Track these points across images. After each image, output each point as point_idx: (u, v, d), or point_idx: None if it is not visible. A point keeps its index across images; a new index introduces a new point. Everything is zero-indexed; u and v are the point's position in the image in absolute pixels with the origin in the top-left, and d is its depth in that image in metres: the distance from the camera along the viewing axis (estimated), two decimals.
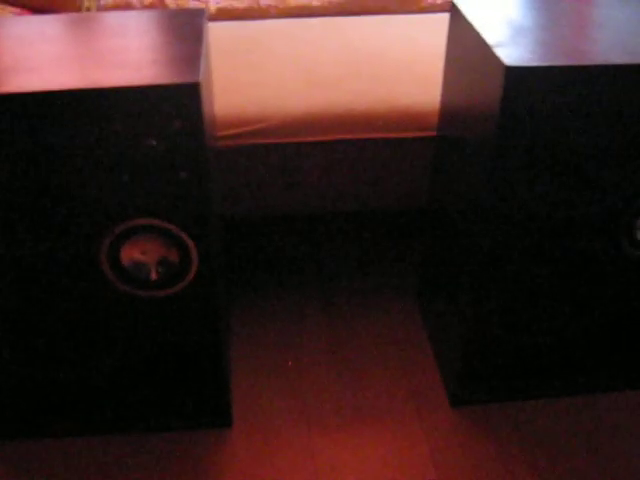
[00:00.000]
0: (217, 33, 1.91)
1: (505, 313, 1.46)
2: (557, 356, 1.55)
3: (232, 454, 1.48)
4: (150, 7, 2.11)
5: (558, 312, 1.48)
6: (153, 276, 1.32)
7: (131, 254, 1.30)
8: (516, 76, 1.16)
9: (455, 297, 1.51)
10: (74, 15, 1.43)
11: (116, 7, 2.10)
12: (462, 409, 1.58)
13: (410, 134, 1.58)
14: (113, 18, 1.38)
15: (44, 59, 1.20)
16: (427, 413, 1.57)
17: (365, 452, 1.49)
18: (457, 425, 1.55)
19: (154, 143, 1.18)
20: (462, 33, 1.38)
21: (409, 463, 1.47)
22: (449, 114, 1.50)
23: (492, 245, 1.35)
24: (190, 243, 1.28)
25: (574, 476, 1.43)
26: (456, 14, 1.40)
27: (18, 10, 1.94)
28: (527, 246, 1.36)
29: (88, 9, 2.09)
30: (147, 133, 1.16)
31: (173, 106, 1.13)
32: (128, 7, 2.11)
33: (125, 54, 1.22)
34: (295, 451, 1.48)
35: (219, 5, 2.15)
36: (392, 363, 1.68)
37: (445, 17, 1.47)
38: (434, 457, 1.48)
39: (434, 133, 1.58)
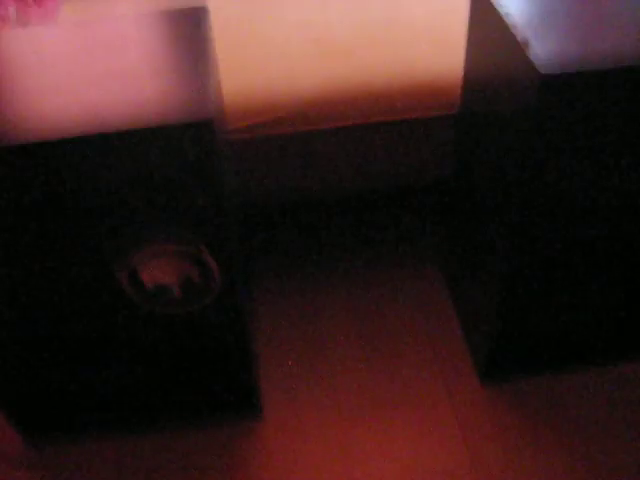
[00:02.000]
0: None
1: (535, 291, 1.44)
2: (585, 330, 1.54)
3: (264, 445, 1.50)
4: None
5: (588, 288, 1.45)
6: (176, 295, 1.29)
7: (153, 277, 1.26)
8: (552, 84, 1.08)
9: (485, 277, 1.48)
10: (56, 26, 1.30)
11: None
12: (492, 385, 1.58)
13: (430, 113, 1.50)
14: (102, 28, 1.27)
15: (41, 94, 1.11)
16: (457, 392, 1.57)
17: (396, 436, 1.50)
18: (487, 402, 1.55)
19: (170, 174, 1.12)
20: (485, 17, 1.28)
21: (441, 445, 1.49)
22: (474, 93, 1.41)
23: (523, 223, 1.30)
24: (211, 261, 1.25)
25: (606, 456, 1.45)
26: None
27: None
28: (559, 225, 1.32)
29: None
30: (160, 166, 1.10)
31: (186, 142, 1.06)
32: None
33: (127, 81, 1.13)
34: (326, 439, 1.50)
35: None
36: (420, 341, 1.67)
37: None
38: (466, 437, 1.50)
39: (453, 111, 1.50)
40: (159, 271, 1.26)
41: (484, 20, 1.29)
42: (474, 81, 1.40)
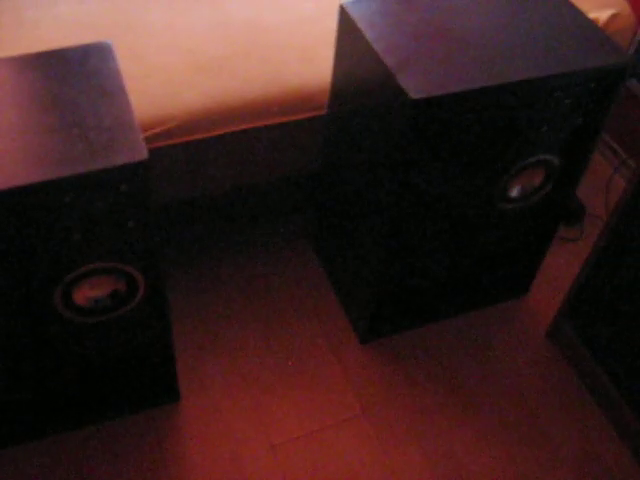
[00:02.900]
0: (72, 9, 1.85)
1: (402, 265, 1.72)
2: (443, 288, 1.86)
3: (184, 423, 1.69)
4: None
5: (445, 255, 1.76)
6: (105, 305, 1.43)
7: (84, 293, 1.39)
8: (420, 107, 1.33)
9: (360, 256, 1.74)
10: None
11: None
12: (370, 344, 1.86)
13: (303, 115, 1.71)
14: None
15: None
16: (342, 353, 1.84)
17: (297, 399, 1.75)
18: (369, 358, 1.83)
19: (102, 206, 1.25)
20: (353, 38, 1.49)
21: (335, 400, 1.75)
22: (342, 99, 1.63)
23: (393, 210, 1.55)
24: (137, 274, 1.39)
25: (468, 387, 1.79)
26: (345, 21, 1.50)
27: None
28: (423, 210, 1.59)
29: None
30: (95, 199, 1.23)
31: (121, 179, 1.21)
32: None
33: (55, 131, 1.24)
34: (239, 410, 1.72)
35: None
36: (305, 314, 1.91)
37: None
38: (355, 390, 1.77)
39: (322, 112, 1.72)
40: (90, 288, 1.40)
41: (352, 40, 1.50)
42: (342, 89, 1.62)
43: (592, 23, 1.54)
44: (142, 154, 1.20)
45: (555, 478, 1.66)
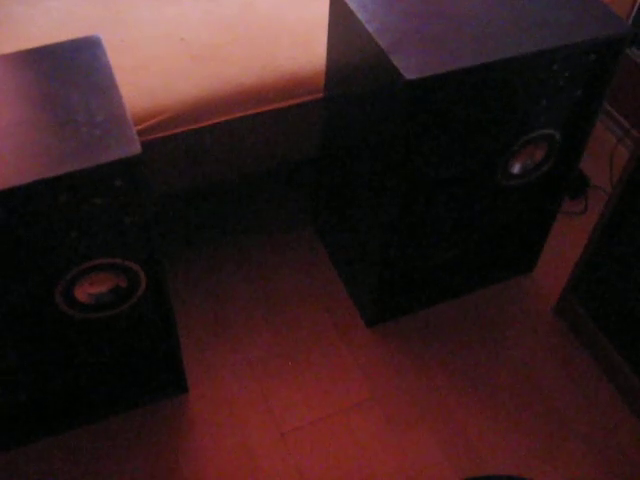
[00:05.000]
0: (62, 3, 1.83)
1: (409, 247, 1.71)
2: (449, 267, 1.84)
3: (194, 413, 1.68)
4: None
5: (449, 234, 1.75)
6: (106, 300, 1.42)
7: (84, 289, 1.39)
8: (416, 87, 1.31)
9: (365, 240, 1.72)
10: None
11: None
12: (377, 328, 1.85)
13: (299, 100, 1.69)
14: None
15: None
16: (349, 337, 1.83)
17: (306, 385, 1.74)
18: (376, 342, 1.83)
19: (98, 202, 1.24)
20: (345, 20, 1.47)
21: (345, 384, 1.74)
22: (338, 82, 1.61)
23: (394, 191, 1.53)
24: (137, 269, 1.39)
25: (477, 366, 1.78)
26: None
27: None
28: (424, 189, 1.58)
29: None
30: (91, 196, 1.22)
31: (116, 174, 1.20)
32: None
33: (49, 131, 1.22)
34: (249, 398, 1.71)
35: None
36: (310, 299, 1.90)
37: None
38: (363, 374, 1.76)
39: (319, 96, 1.70)
40: (90, 283, 1.39)
41: (344, 22, 1.48)
42: (337, 71, 1.60)
43: None
44: (135, 148, 1.18)
45: (566, 452, 1.65)
